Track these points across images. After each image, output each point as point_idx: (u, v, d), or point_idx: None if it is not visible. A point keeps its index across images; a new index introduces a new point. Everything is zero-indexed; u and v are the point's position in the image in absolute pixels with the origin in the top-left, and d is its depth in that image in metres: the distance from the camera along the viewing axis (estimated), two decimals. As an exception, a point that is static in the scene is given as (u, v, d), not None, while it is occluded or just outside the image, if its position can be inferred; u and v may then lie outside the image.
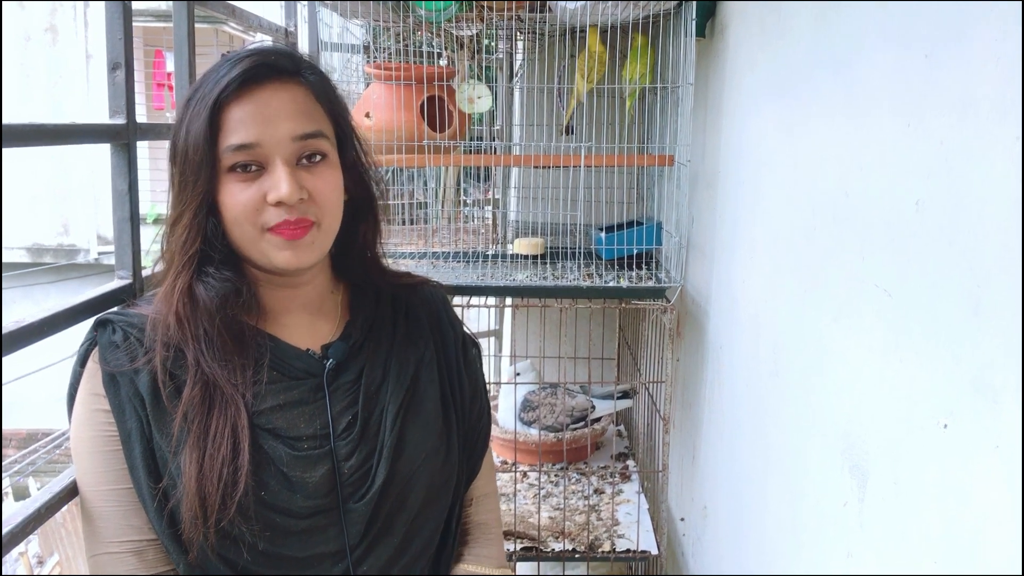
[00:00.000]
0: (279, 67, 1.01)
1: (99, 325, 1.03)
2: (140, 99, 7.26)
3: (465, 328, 1.24)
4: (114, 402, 0.99)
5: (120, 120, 1.17)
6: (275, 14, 2.15)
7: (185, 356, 1.00)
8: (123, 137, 1.16)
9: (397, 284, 1.18)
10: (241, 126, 0.98)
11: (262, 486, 0.99)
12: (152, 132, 1.27)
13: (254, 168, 0.99)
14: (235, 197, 0.99)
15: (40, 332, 0.99)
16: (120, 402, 0.99)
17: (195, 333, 1.00)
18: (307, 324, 1.10)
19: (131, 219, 1.19)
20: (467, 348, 1.21)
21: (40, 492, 1.05)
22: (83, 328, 1.06)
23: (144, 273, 1.23)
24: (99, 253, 8.33)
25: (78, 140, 1.13)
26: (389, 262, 1.20)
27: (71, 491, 1.06)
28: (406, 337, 1.14)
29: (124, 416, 0.99)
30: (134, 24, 1.20)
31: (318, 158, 1.02)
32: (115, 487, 1.00)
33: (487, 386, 1.26)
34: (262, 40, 1.94)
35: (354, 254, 1.14)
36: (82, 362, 1.03)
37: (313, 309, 1.11)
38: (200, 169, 0.97)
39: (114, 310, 1.07)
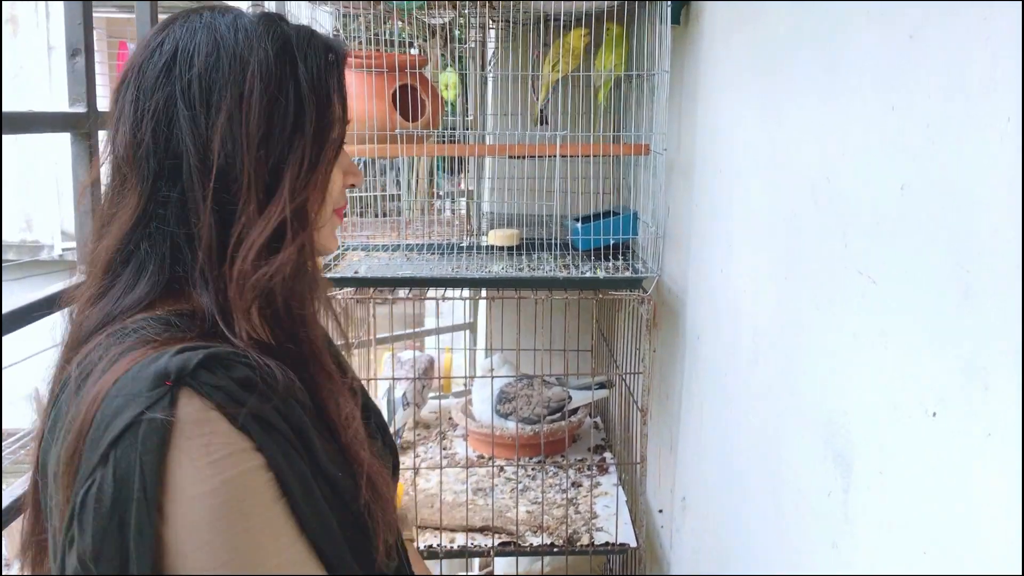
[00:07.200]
0: None
1: (202, 367, 0.70)
2: (103, 92, 7.13)
3: None
4: (277, 450, 0.72)
5: (81, 108, 1.13)
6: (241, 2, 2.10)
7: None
8: (84, 126, 1.12)
9: None
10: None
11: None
12: (115, 121, 1.22)
13: None
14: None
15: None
16: (285, 447, 0.73)
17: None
18: None
19: (93, 213, 1.15)
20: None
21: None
22: (47, 323, 0.99)
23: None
24: (63, 249, 8.19)
25: (36, 129, 1.09)
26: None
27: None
28: None
29: (292, 460, 0.74)
30: (97, 14, 1.16)
31: None
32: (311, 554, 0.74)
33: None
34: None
35: None
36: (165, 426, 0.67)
37: None
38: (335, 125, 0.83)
39: (211, 349, 0.73)
